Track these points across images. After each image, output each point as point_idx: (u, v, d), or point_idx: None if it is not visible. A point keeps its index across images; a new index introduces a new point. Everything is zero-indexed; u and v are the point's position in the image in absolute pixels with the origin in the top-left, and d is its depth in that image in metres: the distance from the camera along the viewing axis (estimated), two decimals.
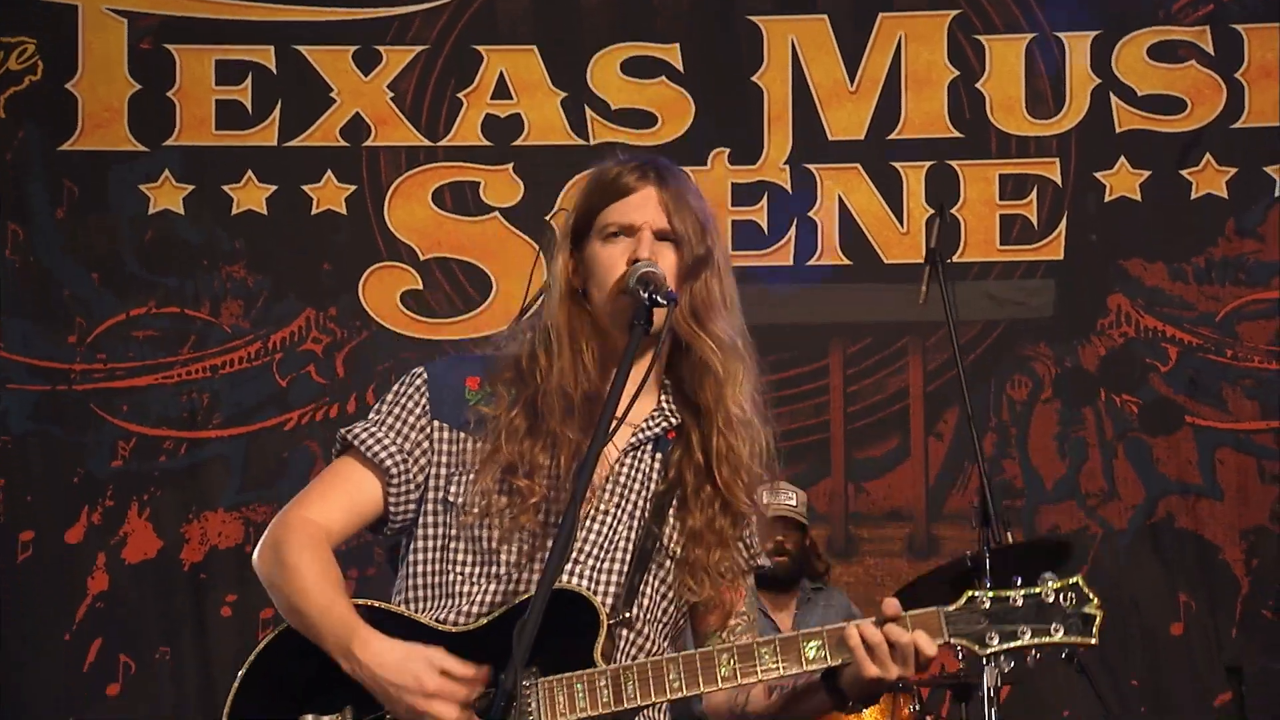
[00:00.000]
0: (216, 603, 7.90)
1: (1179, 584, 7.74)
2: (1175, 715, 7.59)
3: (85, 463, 8.07)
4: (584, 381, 2.88)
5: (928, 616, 2.70)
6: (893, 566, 7.76)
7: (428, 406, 2.92)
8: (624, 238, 2.90)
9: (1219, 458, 7.85)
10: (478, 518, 2.85)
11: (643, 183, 2.93)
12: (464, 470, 2.90)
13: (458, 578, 2.87)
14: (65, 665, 7.86)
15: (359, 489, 2.92)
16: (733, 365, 2.95)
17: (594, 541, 2.91)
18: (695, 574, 2.93)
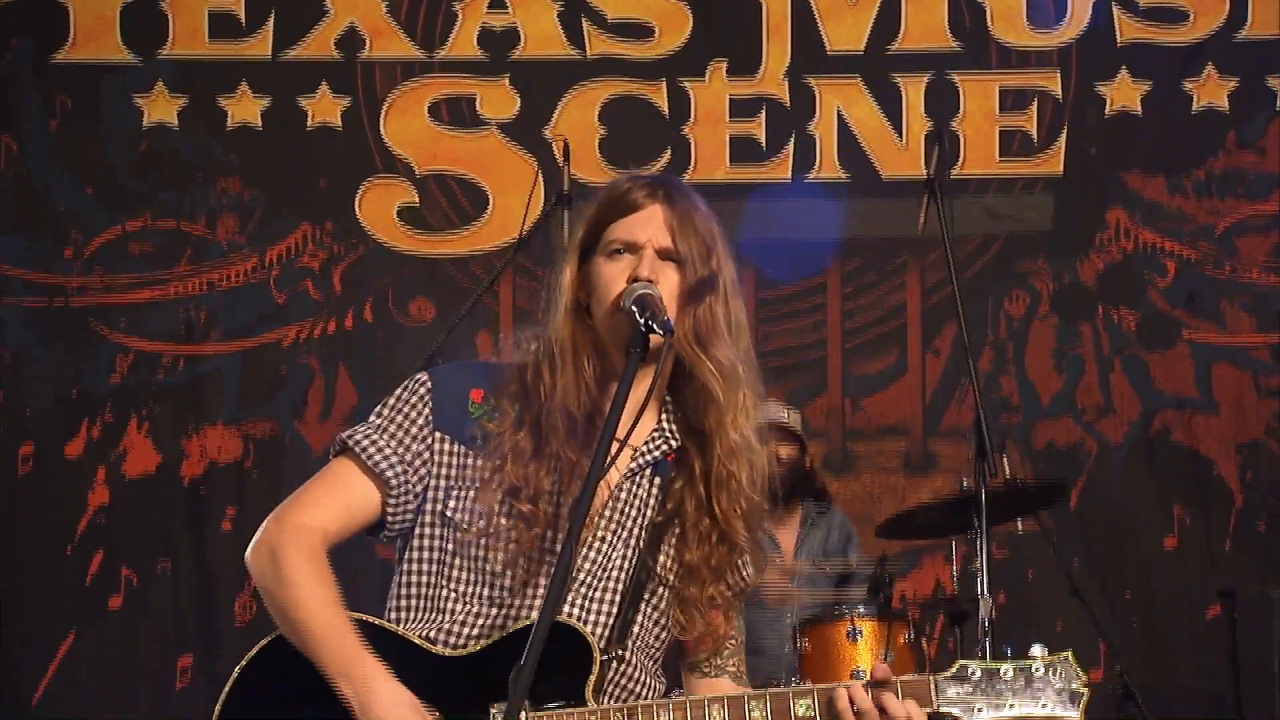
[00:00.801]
0: (216, 517, 7.93)
1: (1173, 498, 7.78)
2: (1167, 628, 7.64)
3: (83, 378, 8.08)
4: (585, 400, 2.85)
5: (918, 684, 2.70)
6: (889, 482, 7.80)
7: (430, 417, 2.89)
8: (627, 255, 2.87)
9: (1215, 372, 7.87)
10: (476, 537, 2.84)
11: (650, 200, 2.90)
12: (463, 486, 2.88)
13: (451, 594, 2.86)
14: (67, 578, 7.90)
15: (357, 495, 2.88)
16: (734, 392, 2.90)
17: (589, 570, 2.89)
18: (688, 610, 2.93)
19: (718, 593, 2.93)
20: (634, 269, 2.84)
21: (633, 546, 2.92)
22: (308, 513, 2.86)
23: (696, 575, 2.91)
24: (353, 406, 7.95)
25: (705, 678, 3.01)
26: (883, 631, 5.84)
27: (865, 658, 5.80)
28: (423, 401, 2.90)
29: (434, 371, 2.96)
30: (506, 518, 2.83)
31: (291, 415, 7.99)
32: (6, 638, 7.86)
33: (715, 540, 2.90)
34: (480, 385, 2.92)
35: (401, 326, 8.05)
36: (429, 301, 8.05)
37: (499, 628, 2.82)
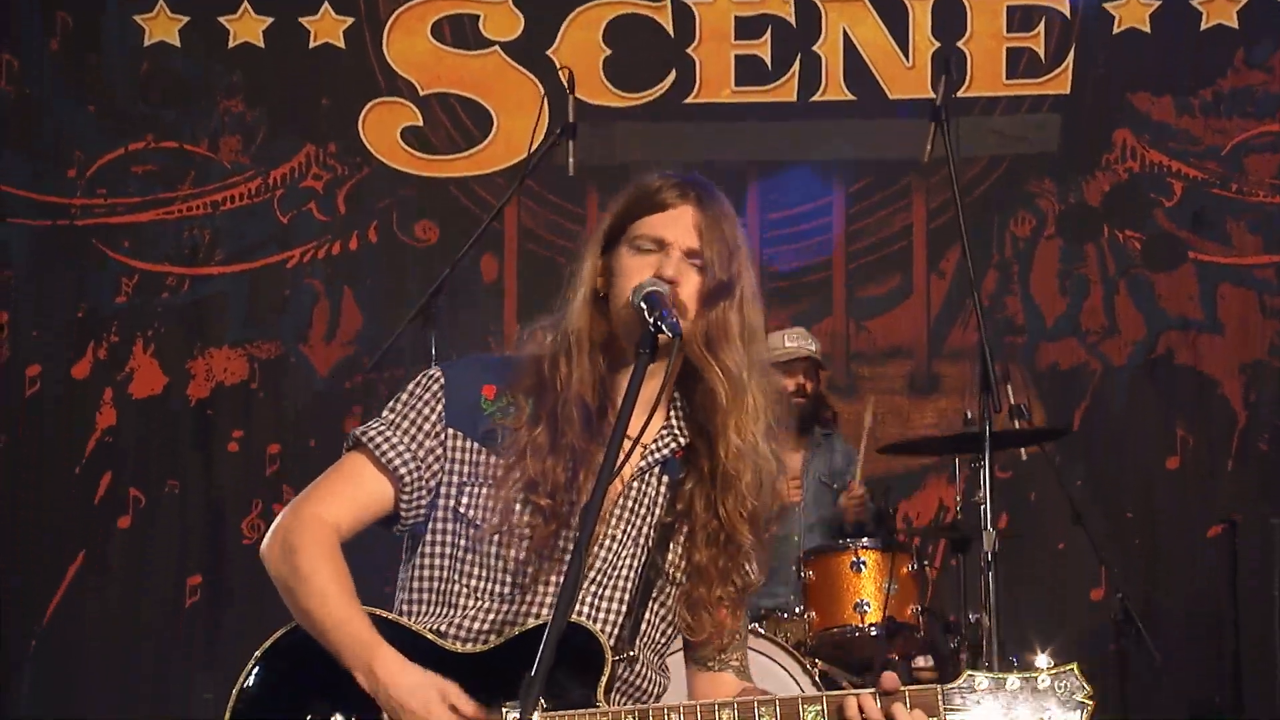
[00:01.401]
0: (223, 438, 7.97)
1: (1176, 419, 7.79)
2: (1169, 547, 7.68)
3: (89, 299, 8.09)
4: (599, 392, 2.87)
5: (927, 695, 2.70)
6: (893, 403, 7.81)
7: (443, 413, 2.90)
8: (653, 251, 2.87)
9: (1221, 292, 7.86)
10: (491, 533, 2.85)
11: (681, 201, 2.90)
12: (476, 482, 2.89)
13: (463, 590, 2.88)
14: (76, 499, 7.95)
15: (370, 490, 2.89)
16: (740, 398, 2.90)
17: (599, 569, 2.91)
18: (696, 611, 2.95)
19: (725, 593, 2.95)
20: (659, 267, 2.84)
21: (641, 545, 2.94)
22: (321, 507, 2.87)
23: (705, 576, 2.92)
24: (357, 329, 7.97)
25: (709, 672, 3.03)
26: (886, 562, 5.86)
27: (869, 588, 5.84)
28: (435, 398, 2.91)
29: (446, 368, 2.96)
30: (524, 513, 2.84)
31: (296, 337, 8.00)
32: (17, 558, 7.92)
33: (723, 542, 2.92)
34: (493, 381, 2.93)
35: (406, 248, 8.04)
36: (433, 223, 8.04)
37: (510, 623, 2.84)
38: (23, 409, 8.05)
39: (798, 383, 6.62)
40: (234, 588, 7.88)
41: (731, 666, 3.02)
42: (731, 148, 8.00)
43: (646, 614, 2.93)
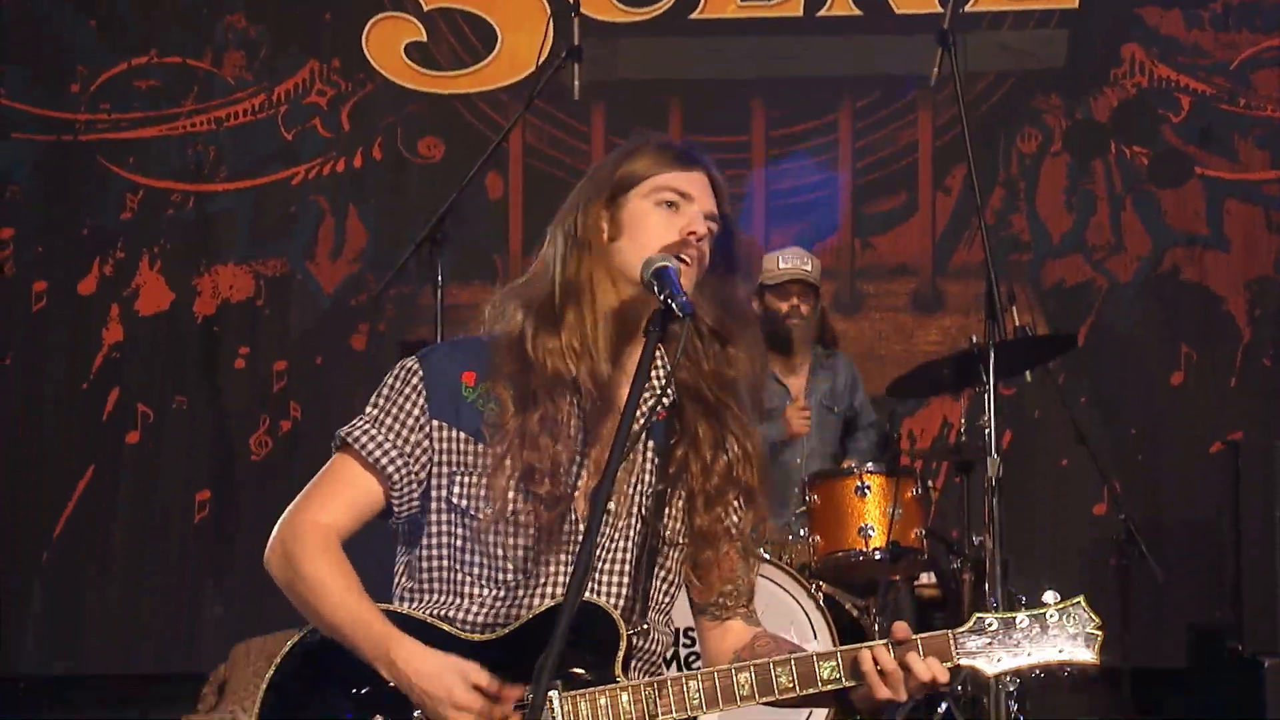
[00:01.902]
0: (230, 354, 8.00)
1: (1181, 335, 7.80)
2: (1172, 464, 7.72)
3: (94, 215, 8.10)
4: (606, 350, 2.85)
5: (938, 640, 2.72)
6: (898, 321, 7.82)
7: (425, 406, 2.87)
8: (676, 208, 2.86)
9: (1227, 208, 7.84)
10: (489, 523, 2.84)
11: (695, 165, 2.90)
12: (466, 472, 2.87)
13: (466, 578, 2.87)
14: (84, 414, 8.00)
15: (360, 490, 2.88)
16: (740, 365, 2.93)
17: (601, 545, 2.89)
18: (704, 573, 2.95)
19: (733, 546, 2.95)
20: (689, 223, 2.84)
21: (636, 515, 2.92)
22: (316, 513, 2.88)
23: (710, 538, 2.92)
24: (362, 246, 7.97)
25: (716, 620, 3.03)
26: (890, 487, 5.87)
27: (873, 513, 5.86)
28: (416, 391, 2.88)
29: (424, 358, 2.93)
30: (522, 501, 2.83)
31: (302, 254, 8.00)
32: (27, 473, 7.97)
33: (726, 499, 2.92)
34: (471, 367, 2.90)
35: (410, 164, 8.02)
36: (438, 139, 8.01)
37: (518, 606, 2.84)
38: (29, 325, 8.08)
39: (791, 304, 6.58)
40: (242, 503, 7.94)
41: (739, 614, 3.03)
42: (737, 64, 7.95)
43: (653, 584, 2.93)
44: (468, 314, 7.69)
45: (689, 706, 2.70)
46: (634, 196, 2.87)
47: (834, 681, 2.70)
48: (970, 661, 2.71)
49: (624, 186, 2.88)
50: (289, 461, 7.90)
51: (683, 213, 2.85)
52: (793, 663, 2.71)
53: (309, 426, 7.92)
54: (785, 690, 2.70)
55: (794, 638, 5.63)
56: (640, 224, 2.85)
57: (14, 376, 8.06)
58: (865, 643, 2.72)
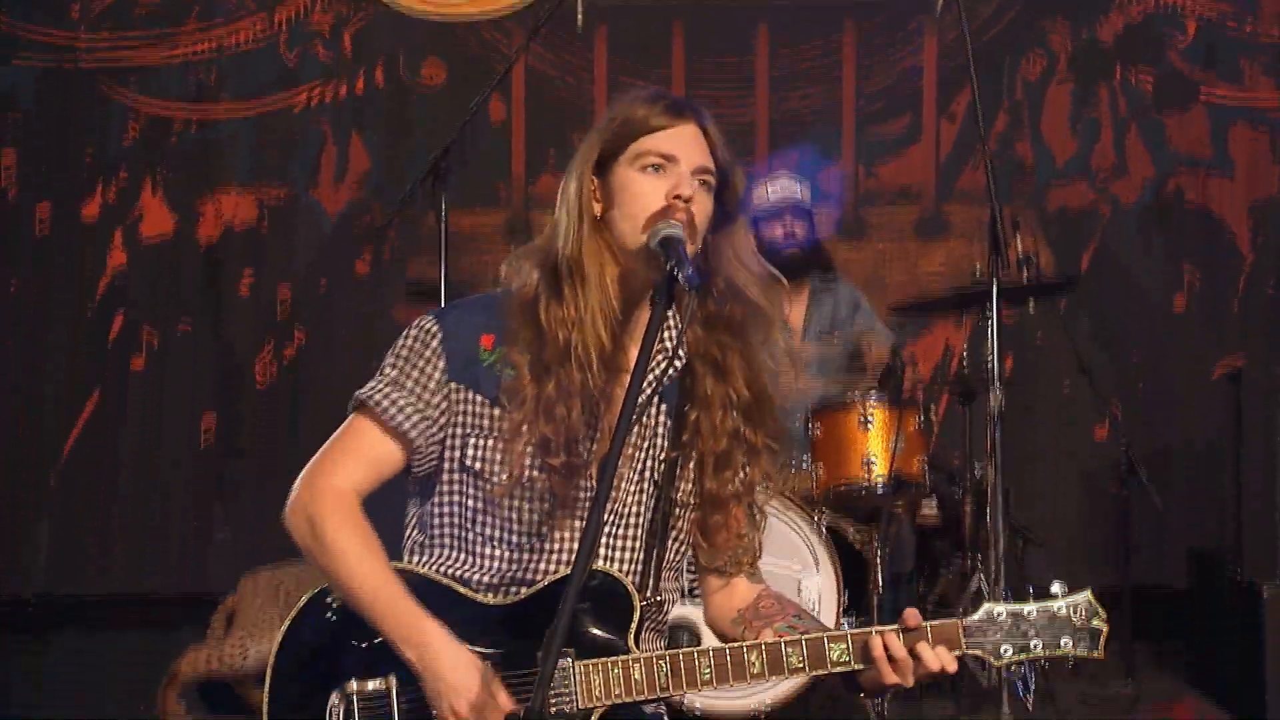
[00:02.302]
0: (233, 279, 8.01)
1: (1184, 260, 7.81)
2: (1173, 388, 7.74)
3: (96, 139, 8.09)
4: (611, 323, 2.82)
5: (948, 629, 2.75)
6: (902, 248, 7.82)
7: (445, 368, 2.86)
8: (661, 171, 2.80)
9: (1232, 133, 7.83)
10: (504, 491, 2.85)
11: (681, 118, 2.83)
12: (481, 434, 2.87)
13: (478, 538, 2.88)
14: (89, 339, 8.02)
15: (380, 453, 2.88)
16: (749, 318, 2.91)
17: (612, 509, 2.91)
18: (713, 535, 2.97)
19: (740, 509, 2.96)
20: (674, 185, 2.78)
21: (648, 480, 2.92)
22: (337, 475, 2.87)
23: (720, 502, 2.93)
24: (365, 172, 7.96)
25: (719, 577, 3.05)
26: (893, 419, 5.88)
27: (876, 445, 5.87)
28: (436, 354, 2.87)
29: (442, 319, 2.91)
30: (537, 470, 2.83)
31: (305, 180, 7.99)
32: (33, 397, 8.01)
33: (734, 461, 2.92)
34: (489, 330, 2.88)
35: (412, 89, 7.99)
36: (440, 64, 7.97)
37: (529, 569, 2.86)
38: (33, 249, 8.09)
39: (785, 230, 6.56)
40: (247, 428, 7.97)
41: (743, 571, 3.04)
42: None
43: (666, 548, 2.95)
44: (471, 240, 7.73)
45: (699, 681, 2.72)
46: (621, 164, 2.82)
47: (843, 664, 2.73)
48: (977, 651, 2.75)
49: (611, 154, 2.84)
50: (294, 387, 7.94)
51: (668, 175, 2.80)
52: (803, 643, 2.73)
53: (313, 352, 7.95)
54: (795, 670, 2.73)
55: (796, 567, 5.73)
56: (627, 194, 2.81)
57: (19, 301, 8.07)
58: (876, 627, 2.75)
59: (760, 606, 2.98)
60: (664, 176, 2.80)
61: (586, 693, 2.71)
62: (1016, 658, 2.75)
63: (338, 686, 2.81)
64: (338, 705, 2.79)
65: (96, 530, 7.97)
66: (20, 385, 8.02)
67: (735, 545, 3.01)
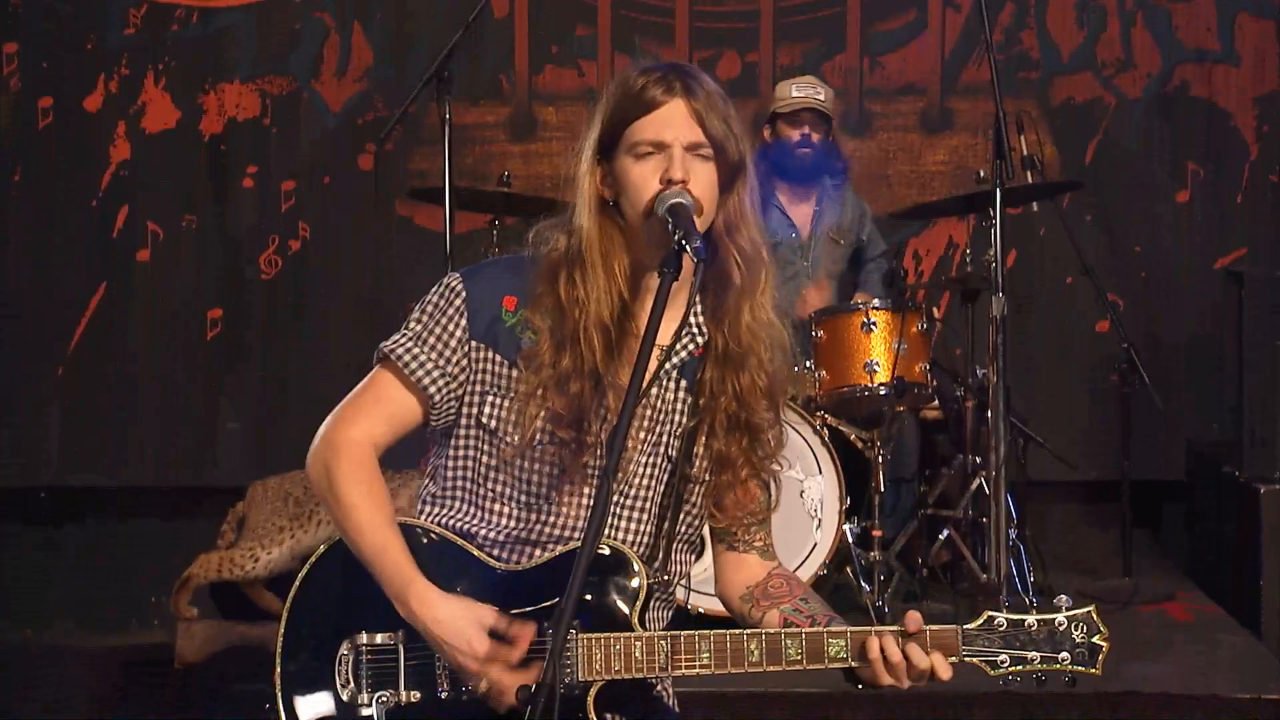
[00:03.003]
0: (237, 173, 8.01)
1: (1188, 152, 7.79)
2: (1176, 280, 7.76)
3: (97, 30, 8.03)
4: (618, 306, 2.86)
5: (946, 635, 2.78)
6: (906, 141, 7.79)
7: (467, 327, 2.91)
8: (656, 154, 2.82)
9: (1239, 23, 7.76)
10: (513, 451, 2.90)
11: (669, 95, 2.82)
12: (499, 393, 2.92)
13: (489, 494, 2.94)
14: (94, 231, 8.04)
15: (400, 407, 2.94)
16: (755, 276, 2.91)
17: (623, 479, 2.94)
18: (722, 496, 2.99)
19: (750, 471, 2.98)
20: (666, 169, 2.80)
21: (662, 454, 2.96)
22: (356, 426, 2.93)
23: (728, 461, 2.96)
24: (368, 66, 7.92)
25: (734, 553, 3.09)
26: (896, 323, 5.93)
27: (879, 349, 5.93)
28: (459, 312, 2.92)
29: (467, 278, 2.95)
30: (549, 441, 2.88)
31: (308, 73, 7.96)
32: (40, 289, 8.04)
33: (743, 422, 2.95)
34: (512, 291, 2.93)
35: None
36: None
37: (538, 527, 2.91)
38: (37, 141, 8.08)
39: (802, 133, 6.60)
40: (253, 321, 8.01)
41: (755, 547, 3.09)
42: None
43: (678, 523, 2.98)
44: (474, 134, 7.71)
45: (698, 665, 2.77)
46: (620, 152, 2.86)
47: (840, 660, 2.77)
48: (975, 660, 2.77)
49: (610, 141, 2.87)
50: (298, 281, 7.97)
51: (661, 159, 2.82)
52: (803, 637, 2.77)
53: (318, 246, 7.97)
54: (793, 662, 2.77)
55: (799, 474, 5.81)
56: (628, 183, 2.84)
57: (23, 192, 8.07)
58: (875, 628, 2.77)
59: (769, 586, 3.04)
60: (657, 161, 2.82)
61: (587, 665, 2.77)
62: (1013, 669, 2.77)
63: (349, 637, 2.88)
64: (347, 655, 2.87)
65: (106, 422, 8.04)
66: (26, 278, 8.04)
67: (747, 516, 3.04)
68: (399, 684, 2.86)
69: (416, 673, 2.86)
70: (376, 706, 2.84)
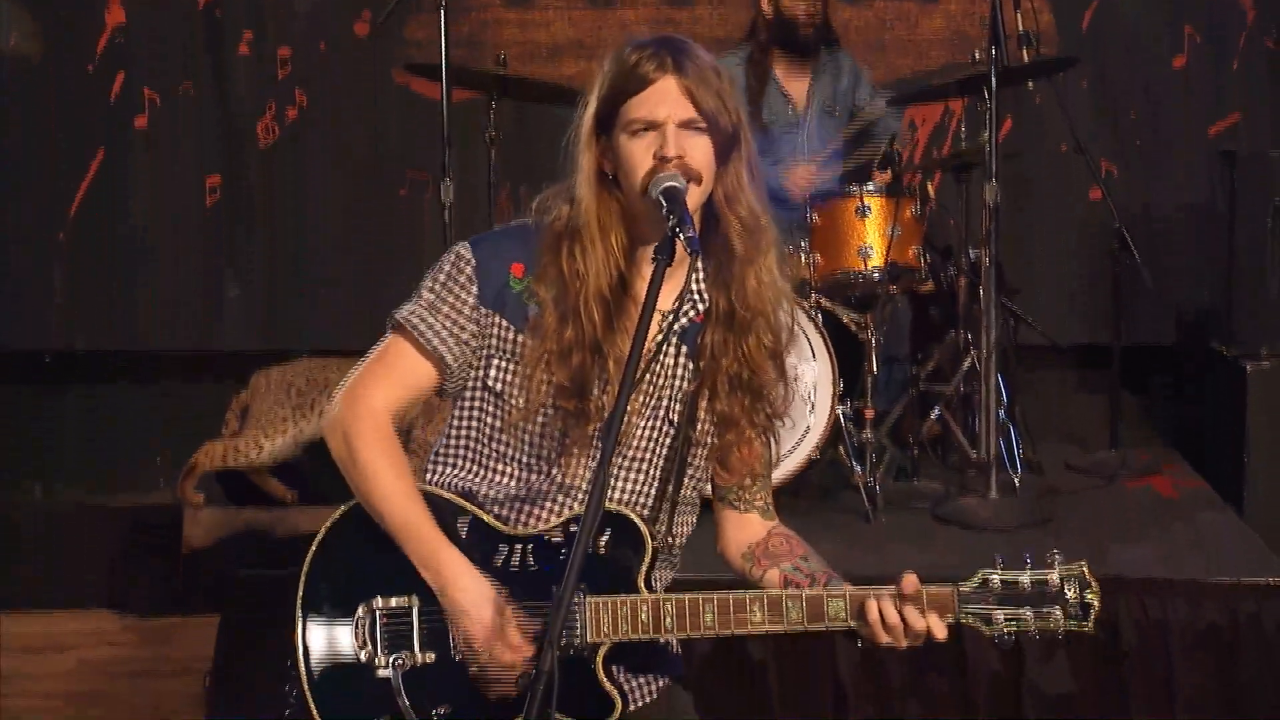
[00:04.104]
0: (234, 40, 7.97)
1: (1184, 15, 7.75)
2: (1170, 147, 7.77)
3: None
4: (617, 277, 2.93)
5: (942, 596, 2.83)
6: (902, 9, 7.75)
7: (478, 293, 2.99)
8: (650, 132, 2.87)
9: None
10: (518, 414, 2.98)
11: (660, 72, 2.86)
12: (505, 358, 3.00)
13: (493, 454, 3.03)
14: (91, 98, 8.01)
15: (415, 374, 3.02)
16: (756, 243, 2.97)
17: (625, 443, 3.02)
18: (726, 455, 3.07)
19: (754, 430, 3.05)
20: (660, 146, 2.85)
21: (663, 417, 3.03)
22: (373, 394, 3.00)
23: (732, 421, 3.02)
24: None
25: (736, 512, 3.17)
26: (890, 208, 5.99)
27: (873, 234, 5.98)
28: (469, 280, 2.99)
29: (475, 246, 3.03)
30: (552, 409, 2.96)
31: None
32: (38, 152, 8.04)
33: (746, 382, 3.01)
34: (519, 259, 3.00)
35: None
36: None
37: (539, 493, 3.00)
38: (31, 5, 8.02)
39: (808, 11, 6.61)
40: (252, 188, 8.04)
41: (756, 507, 3.17)
42: None
43: (682, 486, 3.06)
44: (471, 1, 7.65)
45: (701, 626, 2.86)
46: (617, 130, 2.91)
47: (840, 620, 2.85)
48: (970, 620, 2.84)
49: (607, 119, 2.93)
50: (296, 148, 7.98)
51: (655, 137, 2.88)
52: (804, 598, 2.85)
53: (315, 114, 7.96)
54: (794, 623, 2.85)
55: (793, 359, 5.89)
56: (626, 162, 2.90)
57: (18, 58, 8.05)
58: (874, 589, 2.85)
59: (770, 545, 3.13)
60: (652, 138, 2.88)
61: (595, 628, 2.87)
62: (1007, 627, 2.83)
63: (364, 601, 2.98)
64: (364, 618, 2.97)
65: (108, 287, 8.08)
66: (24, 142, 8.04)
67: (748, 476, 3.13)
68: (414, 646, 2.96)
69: (431, 635, 2.95)
70: (392, 668, 2.94)
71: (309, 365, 6.02)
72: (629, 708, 2.99)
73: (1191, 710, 5.19)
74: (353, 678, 2.97)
